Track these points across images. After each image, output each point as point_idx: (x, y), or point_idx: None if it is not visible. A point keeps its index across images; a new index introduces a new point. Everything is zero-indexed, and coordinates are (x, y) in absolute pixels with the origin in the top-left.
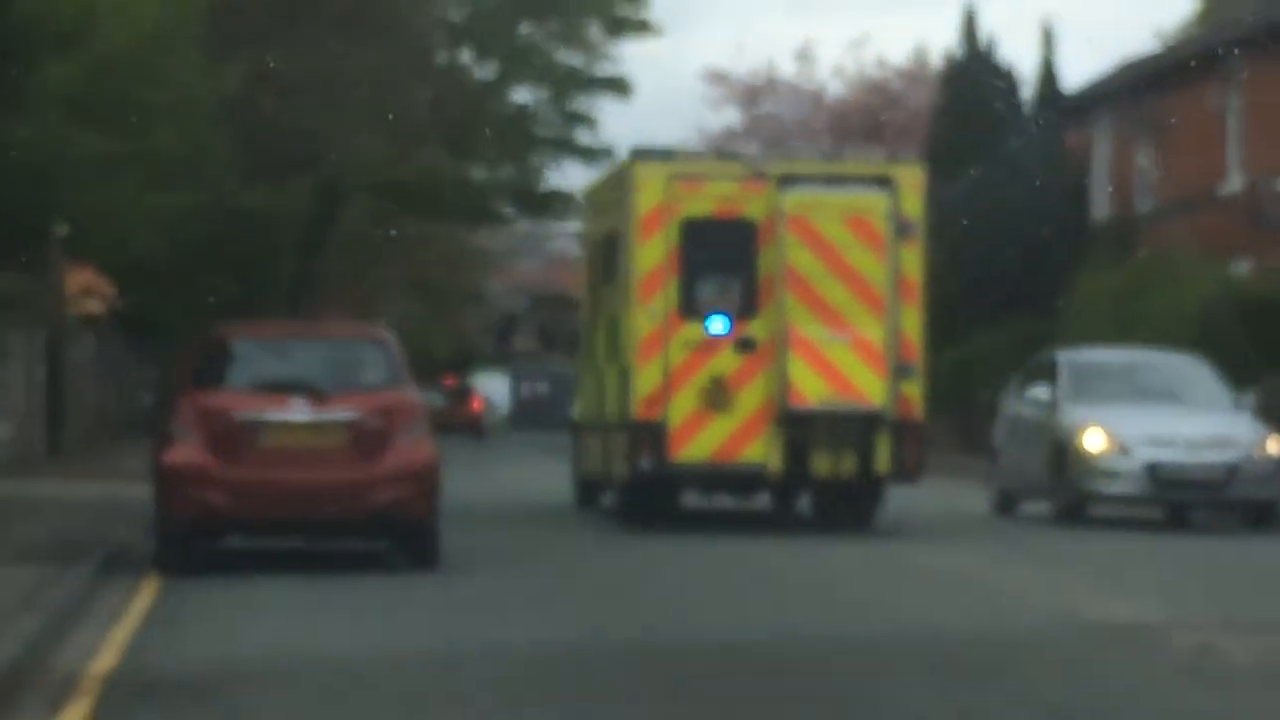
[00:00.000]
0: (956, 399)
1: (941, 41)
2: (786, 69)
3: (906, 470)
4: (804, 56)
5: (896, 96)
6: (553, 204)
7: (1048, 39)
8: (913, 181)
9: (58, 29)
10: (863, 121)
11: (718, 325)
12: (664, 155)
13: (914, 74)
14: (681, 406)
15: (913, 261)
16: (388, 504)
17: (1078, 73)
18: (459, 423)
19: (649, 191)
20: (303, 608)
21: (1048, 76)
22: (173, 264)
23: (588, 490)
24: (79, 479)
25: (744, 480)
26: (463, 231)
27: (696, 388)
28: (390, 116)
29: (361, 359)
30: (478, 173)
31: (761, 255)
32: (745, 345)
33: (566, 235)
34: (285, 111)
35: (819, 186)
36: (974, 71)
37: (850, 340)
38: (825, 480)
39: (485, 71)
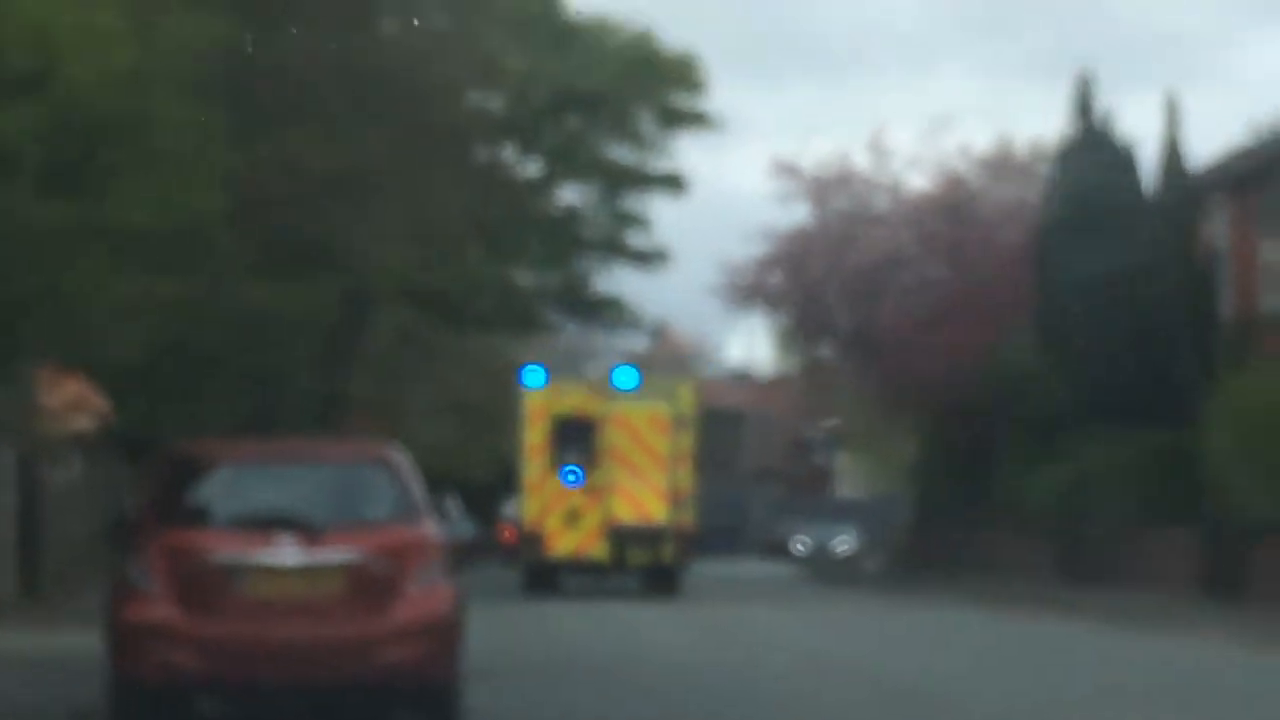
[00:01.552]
0: (1060, 524)
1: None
2: (859, 159)
3: (681, 560)
4: (876, 148)
5: (978, 191)
6: (603, 310)
7: (1172, 113)
8: (688, 393)
9: (6, 66)
10: (941, 223)
11: (571, 477)
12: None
13: (998, 164)
14: (552, 524)
15: (685, 441)
16: (397, 664)
17: (1199, 152)
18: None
19: (534, 398)
20: None
21: (1172, 155)
22: (174, 373)
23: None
24: (52, 627)
25: (590, 567)
26: (504, 345)
27: (560, 513)
28: (424, 218)
29: (365, 486)
30: (521, 278)
31: (597, 438)
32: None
33: (614, 352)
34: (301, 202)
35: (630, 400)
36: (1089, 150)
37: (648, 486)
38: (637, 567)
39: (529, 169)
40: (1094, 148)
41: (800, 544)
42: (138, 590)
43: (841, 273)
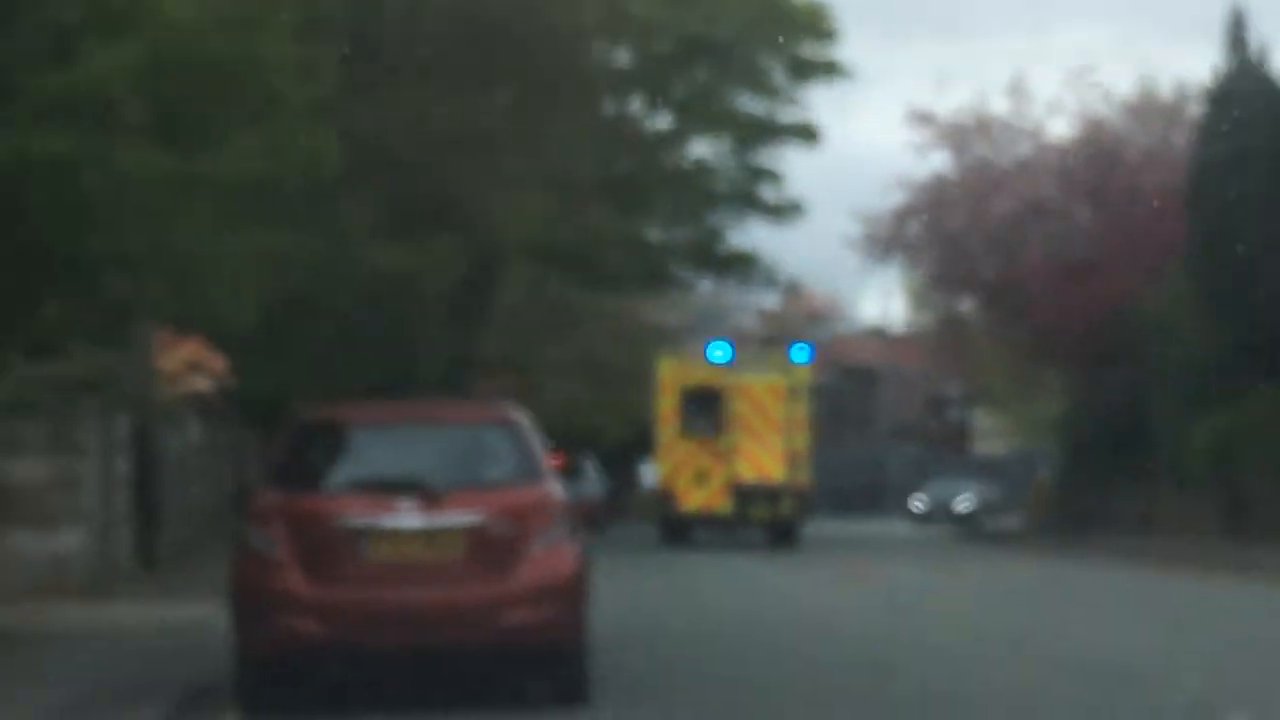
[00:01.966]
0: (1221, 478)
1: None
2: (998, 106)
3: (798, 516)
4: (1017, 91)
5: (1122, 135)
6: (735, 265)
7: None
8: (802, 371)
9: (99, 5)
10: (1085, 168)
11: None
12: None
13: (1141, 107)
14: (683, 483)
15: (800, 409)
16: (521, 627)
17: None
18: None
19: (666, 370)
20: None
21: None
22: (297, 334)
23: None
24: (172, 599)
25: (717, 521)
26: (634, 303)
27: (690, 473)
28: (551, 172)
29: (486, 448)
30: (651, 234)
31: (722, 407)
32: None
33: (747, 310)
34: (426, 158)
35: (751, 372)
36: (1244, 86)
37: (766, 449)
38: (759, 521)
39: (658, 122)
40: (1249, 83)
41: (919, 502)
42: (261, 557)
43: (983, 221)
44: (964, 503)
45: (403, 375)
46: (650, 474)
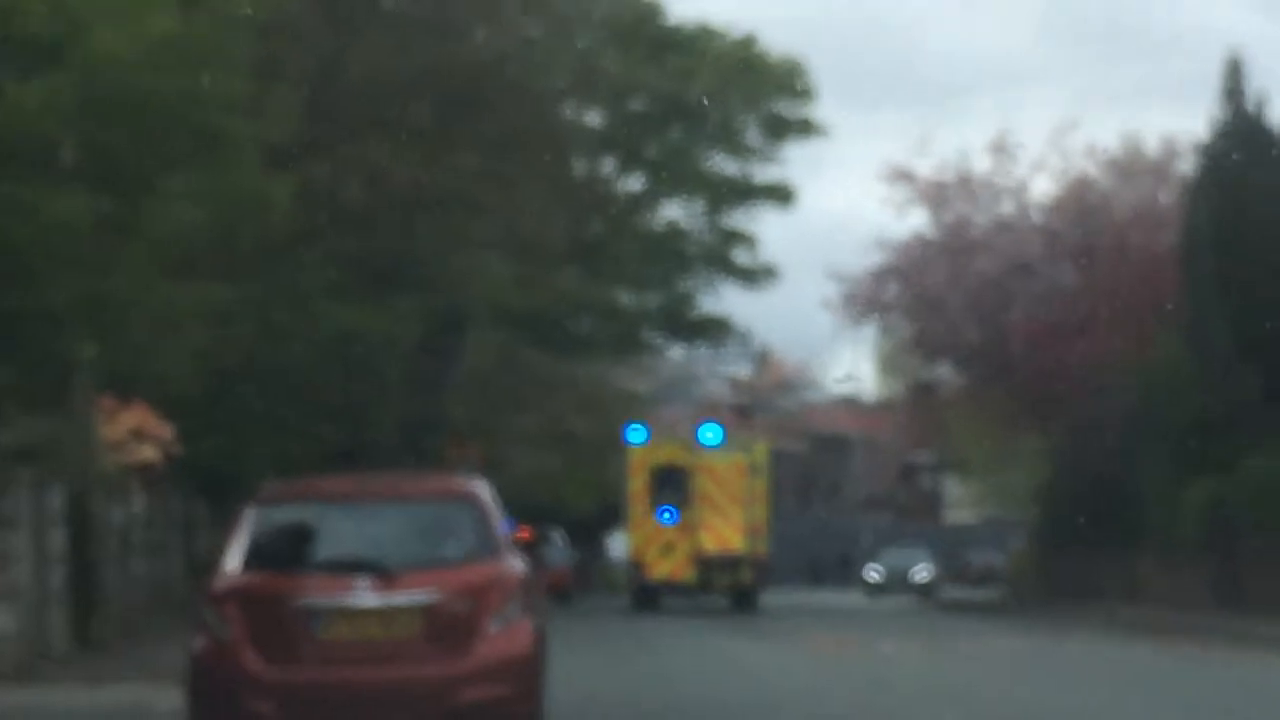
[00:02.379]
0: (1213, 544)
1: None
2: (980, 164)
3: (757, 582)
4: (999, 149)
5: (1107, 192)
6: (707, 331)
7: None
8: (762, 448)
9: (23, 33)
10: (1070, 227)
11: (667, 516)
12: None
13: (1127, 164)
14: (652, 554)
15: (760, 485)
16: (478, 704)
17: None
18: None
19: (635, 452)
20: None
21: None
22: (245, 398)
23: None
24: (109, 681)
25: (682, 589)
26: (607, 371)
27: (658, 545)
28: (519, 234)
29: (445, 524)
30: (622, 298)
31: (688, 484)
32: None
33: (717, 377)
34: (387, 216)
35: (714, 453)
36: (1239, 138)
37: (728, 523)
38: (721, 588)
39: (630, 184)
40: (1245, 136)
41: (874, 572)
42: (218, 639)
43: (964, 281)
44: (922, 572)
45: (360, 441)
46: (618, 546)
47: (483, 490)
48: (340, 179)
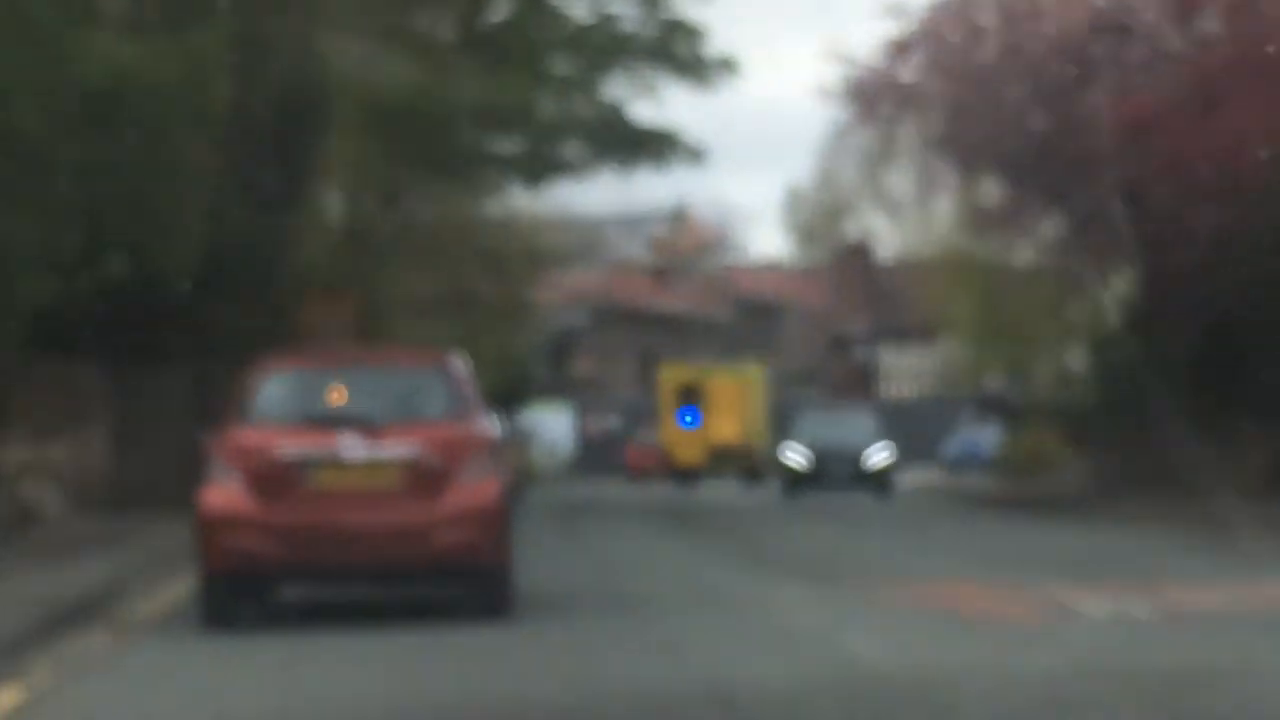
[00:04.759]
0: None
1: None
2: None
3: (756, 466)
4: None
5: None
6: (649, 145)
7: None
8: (756, 371)
9: None
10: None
11: (689, 420)
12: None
13: None
14: (679, 446)
15: (755, 394)
16: (450, 548)
17: None
18: None
19: (664, 375)
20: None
21: None
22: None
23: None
24: None
25: (699, 471)
26: (504, 227)
27: (682, 438)
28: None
29: (423, 388)
30: (539, 105)
31: (702, 395)
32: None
33: (636, 236)
34: None
35: (721, 374)
36: None
37: (729, 422)
38: (728, 468)
39: None
40: None
41: (794, 454)
42: (217, 483)
43: (1025, 50)
44: (880, 454)
45: (150, 281)
46: (537, 425)
47: (458, 361)
48: None
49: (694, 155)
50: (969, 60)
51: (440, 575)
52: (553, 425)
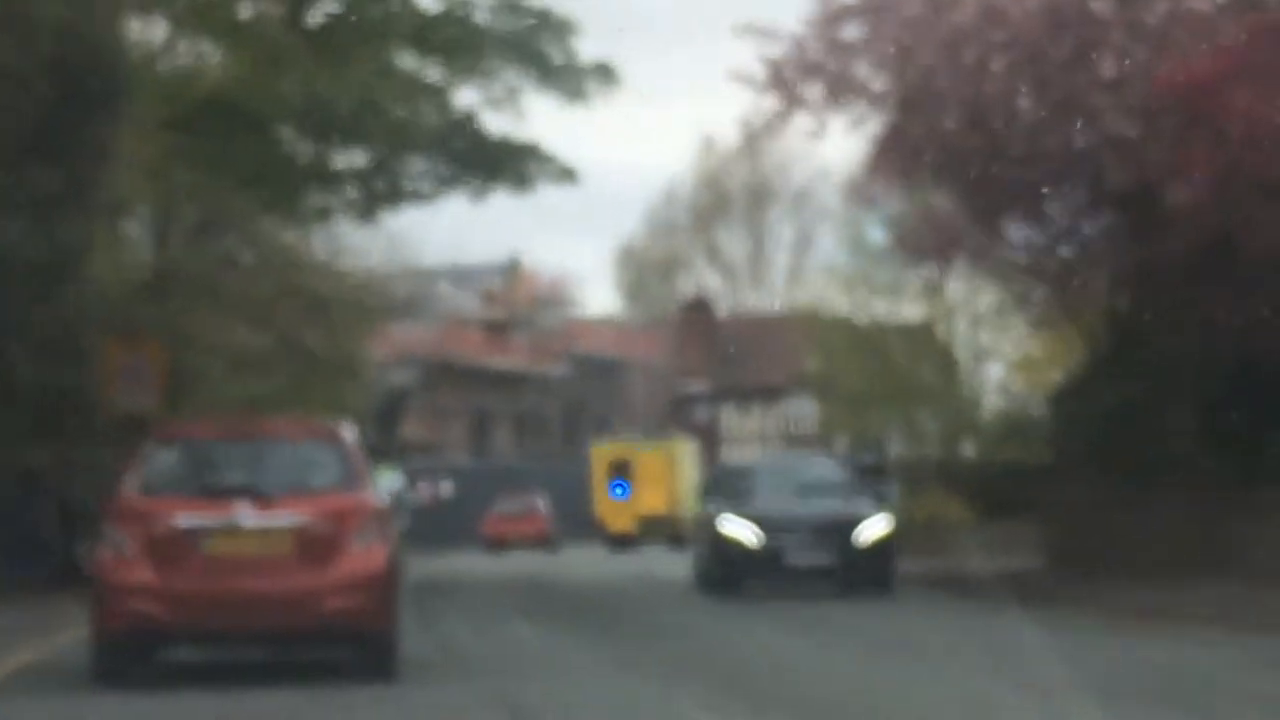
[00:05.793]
0: None
1: None
2: None
3: (682, 535)
4: None
5: None
6: (510, 161)
7: None
8: (682, 444)
9: None
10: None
11: (619, 492)
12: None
13: None
14: (611, 516)
15: (680, 467)
16: (339, 613)
17: None
18: None
19: (598, 452)
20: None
21: None
22: None
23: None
24: None
25: (630, 538)
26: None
27: (613, 509)
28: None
29: (313, 459)
30: (383, 107)
31: (631, 469)
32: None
33: (467, 289)
34: None
35: (647, 450)
36: None
37: (656, 494)
38: (654, 537)
39: None
40: None
41: (736, 526)
42: (117, 552)
43: (1000, 16)
44: (877, 526)
45: None
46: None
47: (348, 431)
48: None
49: (565, 174)
50: (933, 29)
51: (329, 639)
52: (383, 492)
